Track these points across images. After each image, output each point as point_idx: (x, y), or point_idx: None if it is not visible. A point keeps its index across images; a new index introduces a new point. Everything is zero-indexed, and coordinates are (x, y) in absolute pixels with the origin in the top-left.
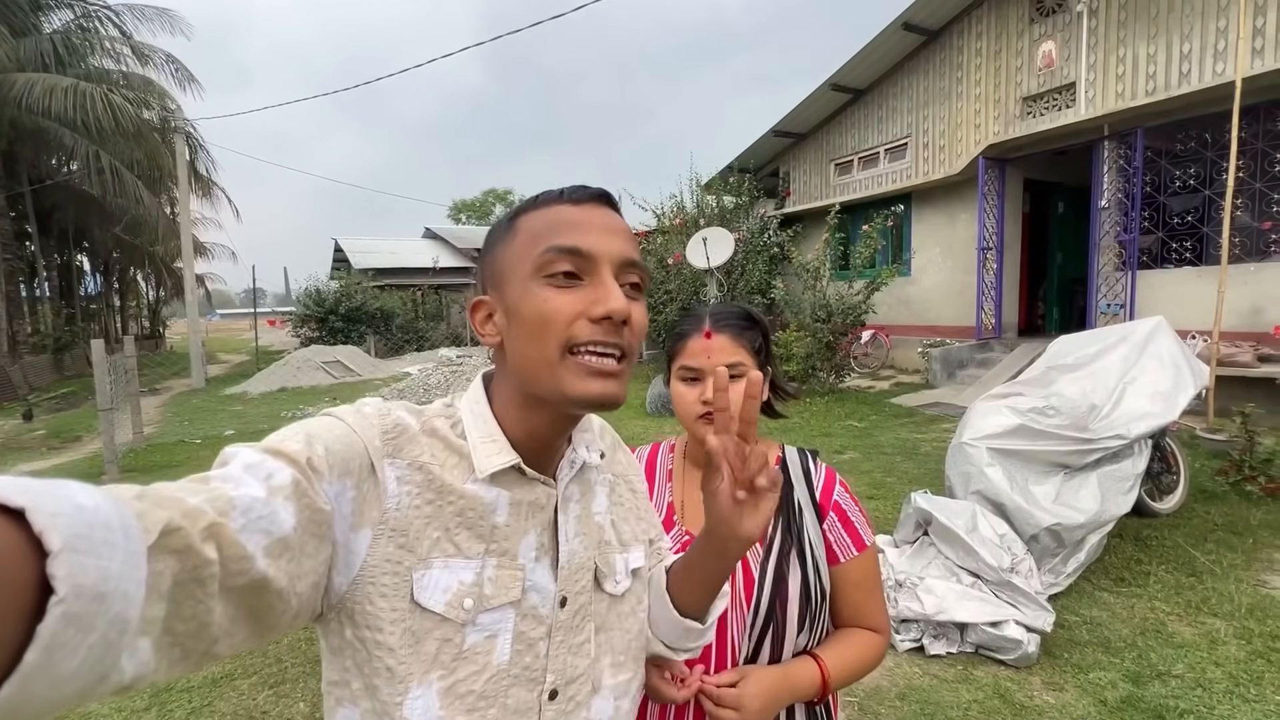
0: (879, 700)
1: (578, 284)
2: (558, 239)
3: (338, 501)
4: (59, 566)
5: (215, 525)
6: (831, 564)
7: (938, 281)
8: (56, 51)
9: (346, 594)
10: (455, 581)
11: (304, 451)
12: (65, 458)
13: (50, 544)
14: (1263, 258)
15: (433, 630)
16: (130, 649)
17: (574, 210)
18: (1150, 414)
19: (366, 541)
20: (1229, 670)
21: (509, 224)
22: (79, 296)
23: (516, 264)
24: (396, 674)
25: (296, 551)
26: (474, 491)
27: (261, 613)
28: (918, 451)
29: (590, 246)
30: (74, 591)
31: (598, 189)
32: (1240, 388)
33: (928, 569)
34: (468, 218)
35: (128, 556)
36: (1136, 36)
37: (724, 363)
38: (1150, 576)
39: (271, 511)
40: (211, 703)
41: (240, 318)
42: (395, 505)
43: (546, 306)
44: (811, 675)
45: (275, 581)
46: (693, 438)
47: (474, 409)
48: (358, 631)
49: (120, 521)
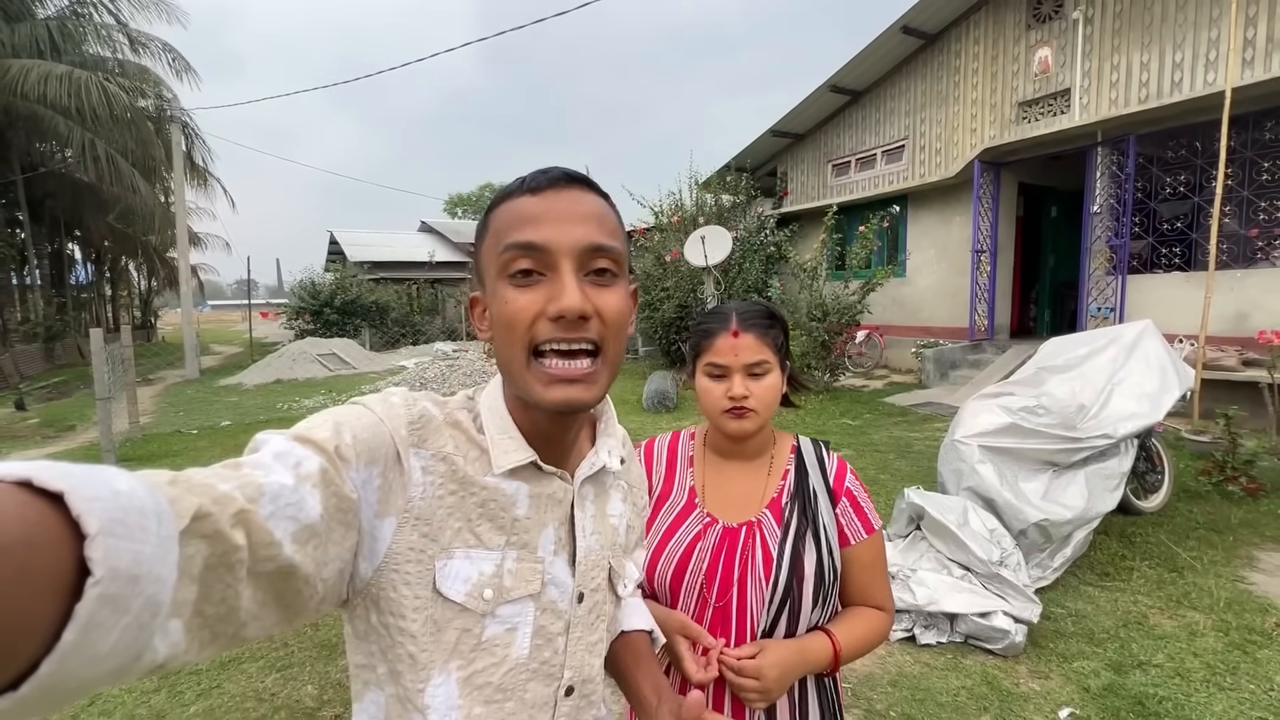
0: (872, 686)
1: (539, 280)
2: (513, 235)
3: (364, 489)
4: (96, 549)
5: (244, 511)
6: (843, 546)
7: (932, 283)
8: (51, 38)
9: (371, 581)
10: (476, 572)
11: (332, 440)
12: (60, 446)
13: (88, 527)
14: (1249, 264)
15: (453, 620)
16: (163, 630)
17: (532, 201)
18: (1137, 415)
19: (391, 529)
20: (1207, 661)
21: (484, 220)
22: (70, 285)
23: (488, 262)
24: (419, 661)
25: (323, 538)
26: (495, 484)
27: (289, 598)
28: (911, 449)
29: (545, 239)
30: (110, 574)
31: (559, 171)
32: (1224, 391)
33: (920, 561)
34: (464, 211)
35: (161, 541)
36: (1130, 45)
37: (749, 361)
38: (1134, 571)
39: (299, 499)
40: (220, 684)
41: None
42: (420, 494)
43: (508, 309)
44: (824, 649)
45: (302, 567)
46: (716, 429)
47: (491, 404)
48: (382, 618)
49: (154, 506)
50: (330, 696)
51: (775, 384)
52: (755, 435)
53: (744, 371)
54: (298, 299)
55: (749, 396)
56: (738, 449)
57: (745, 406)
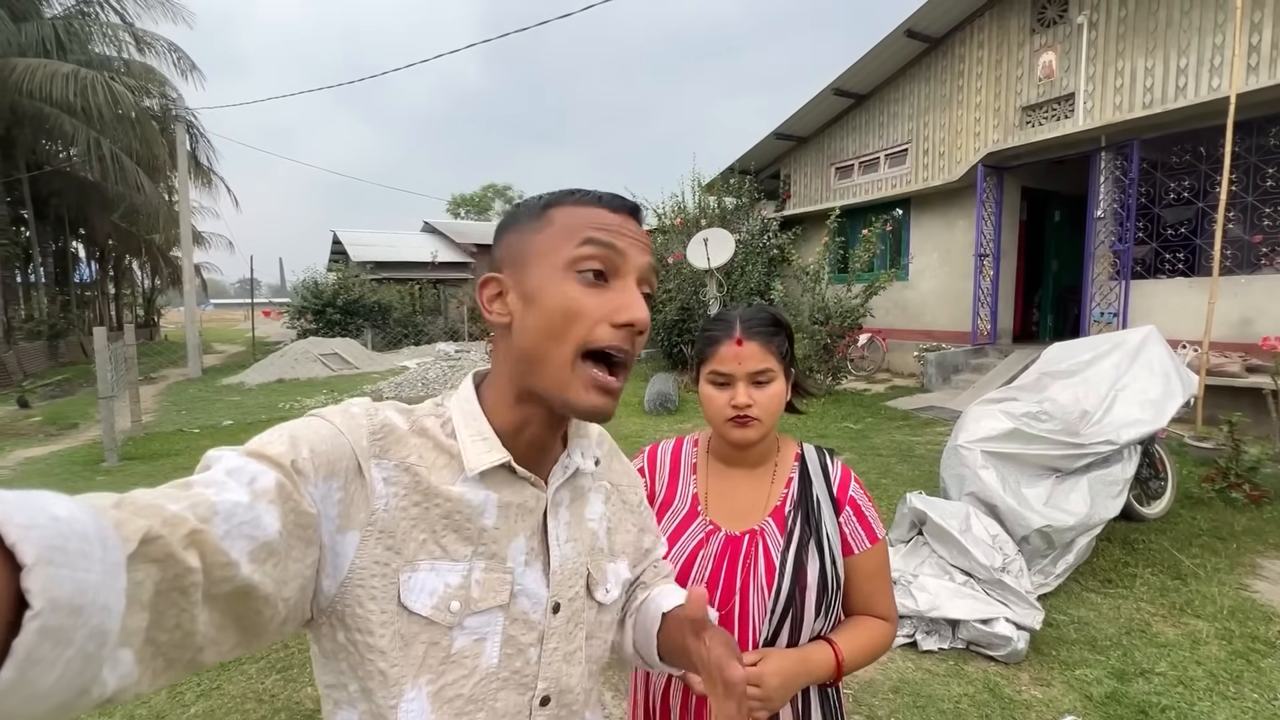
0: (873, 693)
1: (603, 286)
2: (597, 234)
3: (323, 504)
4: (33, 580)
5: (197, 532)
6: (846, 555)
7: (935, 286)
8: (58, 37)
9: (336, 597)
10: (441, 584)
11: (288, 454)
12: (64, 444)
13: (24, 557)
14: (1253, 270)
15: (420, 633)
16: (111, 661)
17: (611, 215)
18: (1140, 421)
19: (354, 543)
20: (1210, 669)
21: (540, 210)
22: (74, 284)
23: (548, 251)
24: (390, 677)
25: (282, 556)
26: (461, 494)
27: (249, 619)
28: (913, 454)
29: (627, 250)
30: (50, 605)
31: (633, 202)
32: (1228, 397)
33: (922, 567)
34: (467, 212)
35: (106, 567)
36: (1135, 50)
37: (753, 369)
38: (1137, 579)
39: (255, 516)
40: (220, 685)
41: (235, 308)
42: (383, 506)
43: (574, 304)
44: (827, 658)
45: (261, 587)
46: (720, 437)
47: (464, 407)
48: (349, 635)
49: (98, 531)
50: (323, 716)
51: (779, 392)
52: (758, 443)
53: (748, 380)
54: (300, 298)
55: (753, 405)
56: (741, 456)
57: (749, 415)
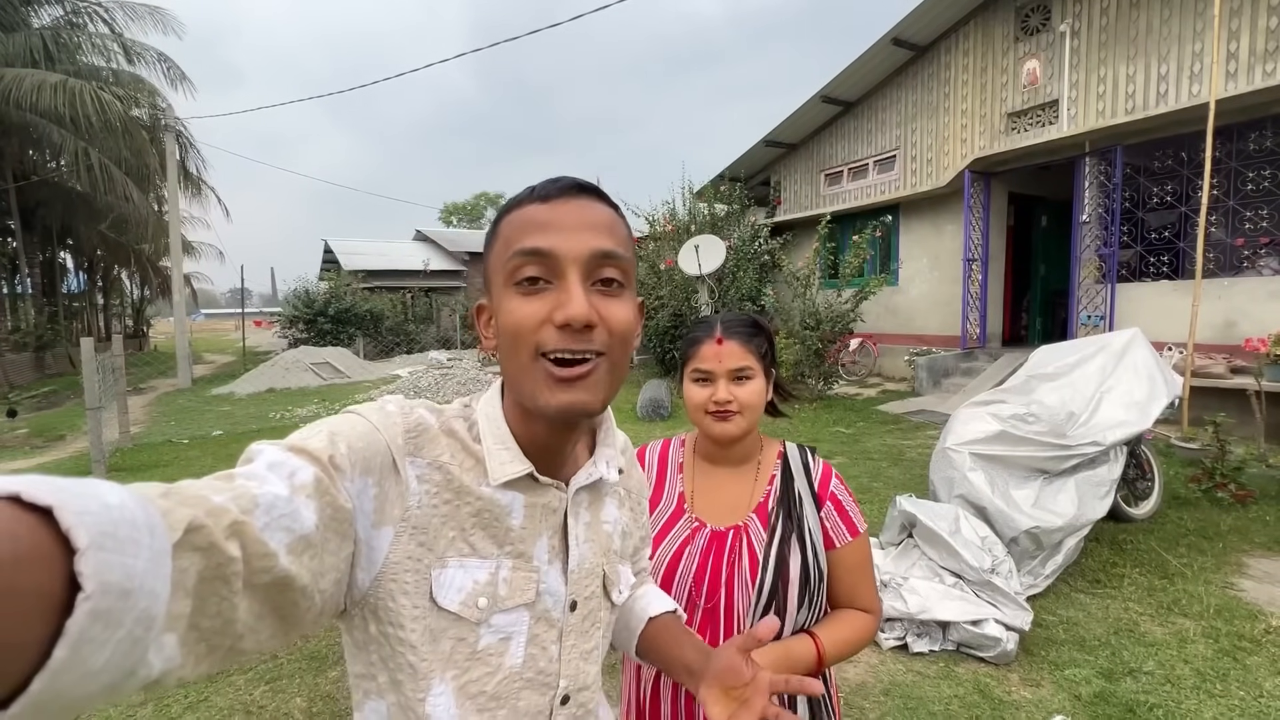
0: (864, 695)
1: (546, 288)
2: (521, 242)
3: (359, 499)
4: (86, 564)
5: (239, 523)
6: (828, 549)
7: (924, 291)
8: (46, 47)
9: (369, 590)
10: (470, 581)
11: (326, 449)
12: (50, 456)
13: (78, 541)
14: (1235, 273)
15: (448, 629)
16: (157, 645)
17: (542, 209)
18: (1126, 422)
19: (389, 539)
20: (1197, 667)
21: (494, 227)
22: (62, 294)
23: (498, 269)
24: (419, 670)
25: (319, 549)
26: (490, 494)
27: (286, 609)
28: (903, 457)
29: (552, 246)
30: (101, 588)
31: (569, 180)
32: (1213, 398)
33: (912, 570)
34: (459, 220)
35: (153, 554)
36: (1117, 57)
37: (733, 366)
38: (1124, 579)
39: (294, 509)
40: (208, 697)
41: (225, 318)
42: (416, 503)
43: (513, 316)
44: (808, 651)
45: (298, 579)
46: (702, 432)
47: (489, 413)
48: (381, 627)
49: (146, 519)
50: (320, 709)
51: (759, 389)
52: (741, 440)
53: (728, 376)
54: (291, 307)
55: (732, 400)
56: (725, 455)
57: (728, 410)
